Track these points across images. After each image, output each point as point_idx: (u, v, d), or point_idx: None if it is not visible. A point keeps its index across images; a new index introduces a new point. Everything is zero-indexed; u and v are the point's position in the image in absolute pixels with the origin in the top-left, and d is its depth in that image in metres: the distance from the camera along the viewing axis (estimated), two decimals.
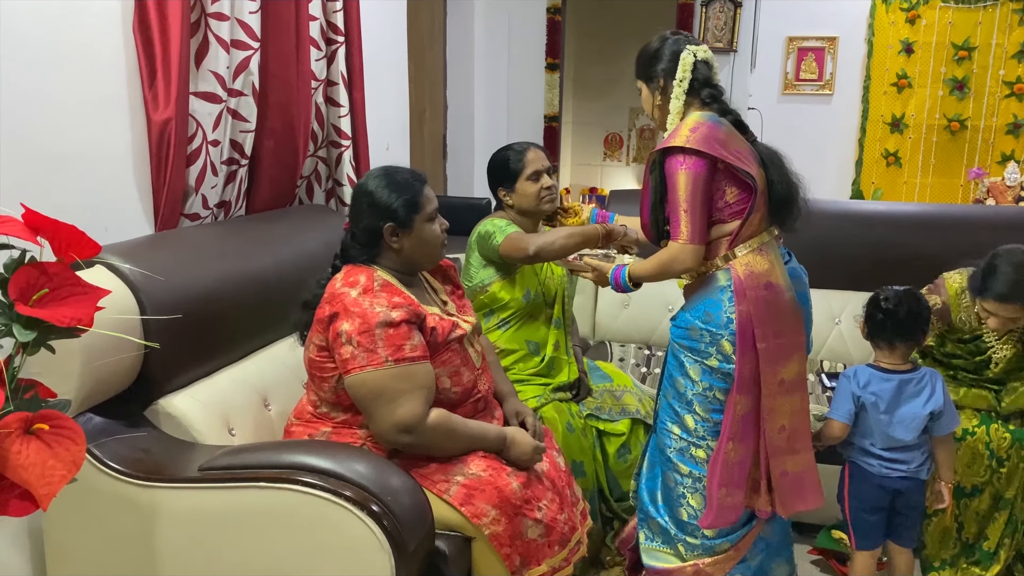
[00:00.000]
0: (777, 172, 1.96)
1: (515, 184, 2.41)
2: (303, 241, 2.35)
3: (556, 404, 2.33)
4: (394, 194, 1.82)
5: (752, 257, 1.92)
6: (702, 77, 1.99)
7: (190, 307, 1.83)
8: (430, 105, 4.61)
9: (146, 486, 1.63)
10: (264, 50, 2.32)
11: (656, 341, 3.19)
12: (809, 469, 2.01)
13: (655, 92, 2.04)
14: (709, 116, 1.92)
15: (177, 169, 2.05)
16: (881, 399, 2.10)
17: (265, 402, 2.02)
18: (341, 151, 2.77)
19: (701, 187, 1.87)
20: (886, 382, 2.11)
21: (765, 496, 1.98)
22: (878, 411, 2.10)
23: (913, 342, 2.14)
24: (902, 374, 2.12)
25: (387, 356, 1.69)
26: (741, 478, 1.95)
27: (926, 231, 3.01)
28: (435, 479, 1.75)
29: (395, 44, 3.39)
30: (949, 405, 2.11)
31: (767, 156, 1.97)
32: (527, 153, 2.42)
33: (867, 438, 2.14)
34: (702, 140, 1.86)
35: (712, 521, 1.95)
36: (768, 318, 1.89)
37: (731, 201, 1.92)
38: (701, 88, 1.99)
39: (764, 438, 1.93)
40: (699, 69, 1.98)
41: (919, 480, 2.13)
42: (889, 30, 5.18)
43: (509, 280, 2.39)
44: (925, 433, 2.12)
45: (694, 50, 1.97)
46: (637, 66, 2.08)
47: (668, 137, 1.93)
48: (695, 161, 1.86)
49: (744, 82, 5.05)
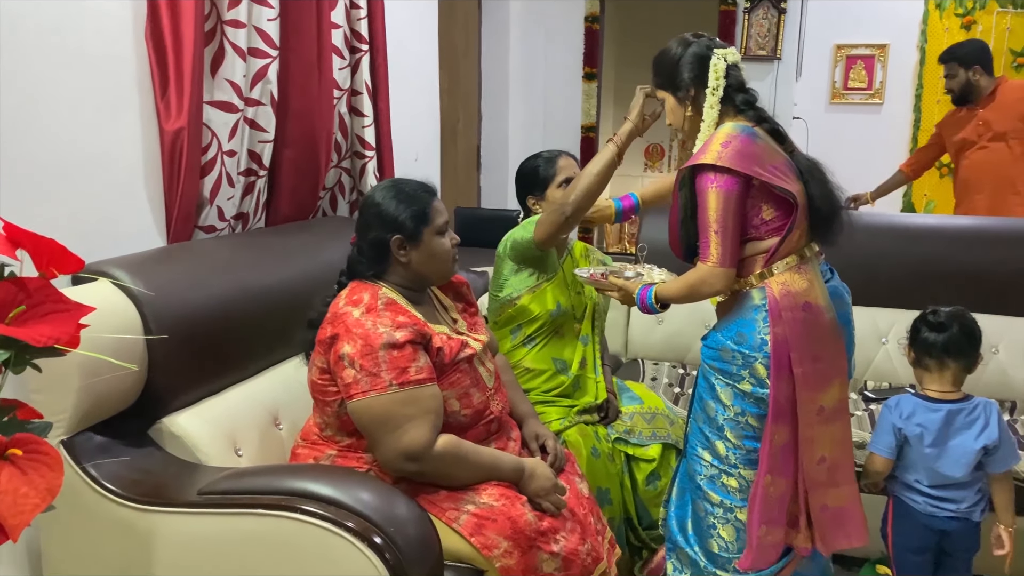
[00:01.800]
0: (818, 186, 1.83)
1: (545, 192, 2.33)
2: (323, 254, 2.28)
3: (581, 427, 2.22)
4: (402, 205, 1.74)
5: (789, 275, 1.80)
6: (735, 83, 1.87)
7: (198, 322, 1.78)
8: (464, 116, 4.55)
9: (143, 510, 1.57)
10: (283, 58, 2.27)
11: (691, 360, 3.06)
12: (852, 503, 1.87)
13: (684, 103, 1.92)
14: (742, 128, 1.80)
15: (190, 180, 2.00)
16: (928, 431, 1.95)
17: (276, 420, 1.95)
18: (365, 162, 2.71)
19: (733, 207, 1.75)
20: (933, 412, 1.96)
21: (805, 532, 1.85)
22: (923, 444, 1.95)
23: (966, 362, 1.98)
24: (951, 403, 1.96)
25: (391, 380, 1.60)
26: (781, 514, 1.82)
27: (981, 246, 2.84)
28: (444, 507, 1.66)
29: (425, 53, 3.33)
30: (1007, 439, 1.94)
31: (807, 169, 1.85)
32: (558, 160, 2.34)
33: (912, 474, 1.99)
34: (734, 156, 1.74)
35: (752, 563, 1.82)
36: (806, 341, 1.77)
37: (768, 218, 1.80)
38: (735, 95, 1.87)
39: (802, 470, 1.80)
40: (731, 75, 1.86)
41: (971, 522, 1.96)
42: (943, 36, 4.98)
43: (539, 291, 2.29)
44: (980, 470, 1.95)
45: (723, 54, 1.85)
46: (658, 75, 1.96)
47: (698, 152, 1.81)
48: (727, 179, 1.74)
49: (789, 91, 4.89)
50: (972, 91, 3.72)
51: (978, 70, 3.69)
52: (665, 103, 1.98)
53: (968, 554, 2.00)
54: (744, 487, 1.85)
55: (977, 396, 2.00)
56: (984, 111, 3.71)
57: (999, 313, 2.70)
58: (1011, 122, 3.67)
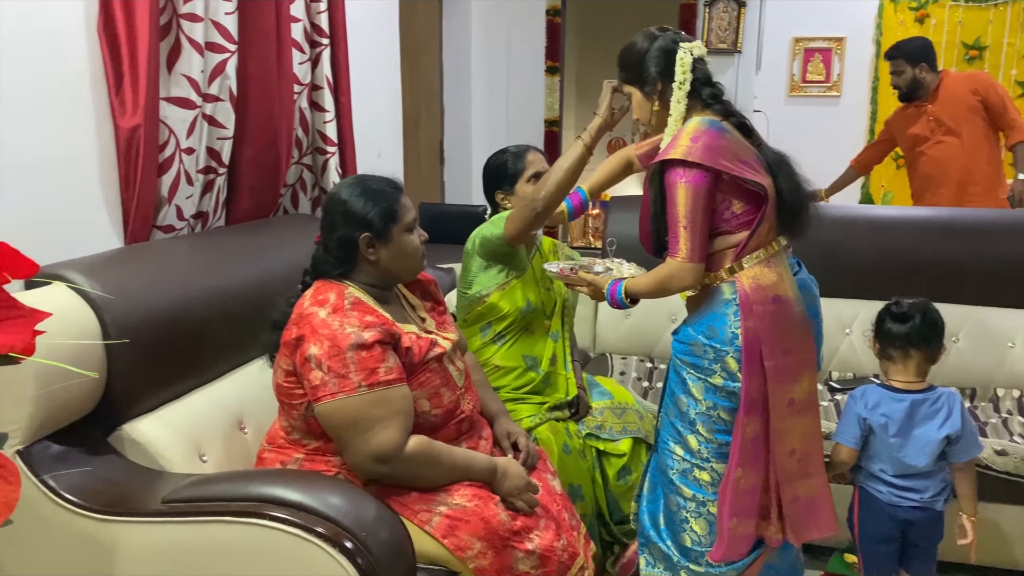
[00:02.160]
0: (786, 179, 1.83)
1: (515, 186, 2.31)
2: (286, 253, 2.23)
3: (552, 424, 2.21)
4: (370, 203, 1.70)
5: (759, 269, 1.80)
6: (702, 77, 1.86)
7: (158, 325, 1.73)
8: (426, 110, 4.51)
9: (105, 520, 1.52)
10: (242, 53, 2.21)
11: (659, 354, 3.06)
12: (822, 494, 1.89)
13: (651, 97, 1.91)
14: (711, 123, 1.80)
15: (147, 178, 1.95)
16: (892, 421, 1.96)
17: (240, 424, 1.90)
18: (327, 158, 2.66)
19: (702, 202, 1.75)
20: (897, 402, 1.97)
21: (776, 523, 1.86)
22: (887, 434, 1.97)
23: (929, 352, 2.00)
24: (915, 394, 1.98)
25: (360, 381, 1.57)
26: (752, 506, 1.83)
27: (941, 237, 2.89)
28: (416, 509, 1.63)
29: (386, 47, 3.29)
30: (970, 429, 1.97)
31: (775, 162, 1.85)
32: (527, 155, 2.32)
33: (877, 463, 2.01)
34: (703, 151, 1.73)
35: (724, 555, 1.83)
36: (776, 334, 1.78)
37: (738, 212, 1.80)
38: (702, 88, 1.86)
39: (774, 462, 1.81)
40: (698, 68, 1.85)
41: (934, 511, 1.98)
42: (898, 30, 5.05)
43: (509, 288, 2.27)
44: (943, 459, 1.98)
45: (689, 48, 1.84)
46: (624, 69, 1.95)
47: (667, 147, 1.80)
48: (696, 174, 1.74)
49: (749, 84, 4.94)
50: (919, 87, 3.78)
51: (924, 67, 3.75)
52: (632, 98, 1.96)
53: (932, 543, 2.02)
54: (716, 480, 1.85)
55: (940, 387, 2.02)
56: (933, 107, 3.77)
57: (959, 302, 2.75)
58: (961, 115, 3.73)
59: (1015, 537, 2.32)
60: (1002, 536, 2.32)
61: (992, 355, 2.74)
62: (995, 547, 2.32)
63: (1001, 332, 2.75)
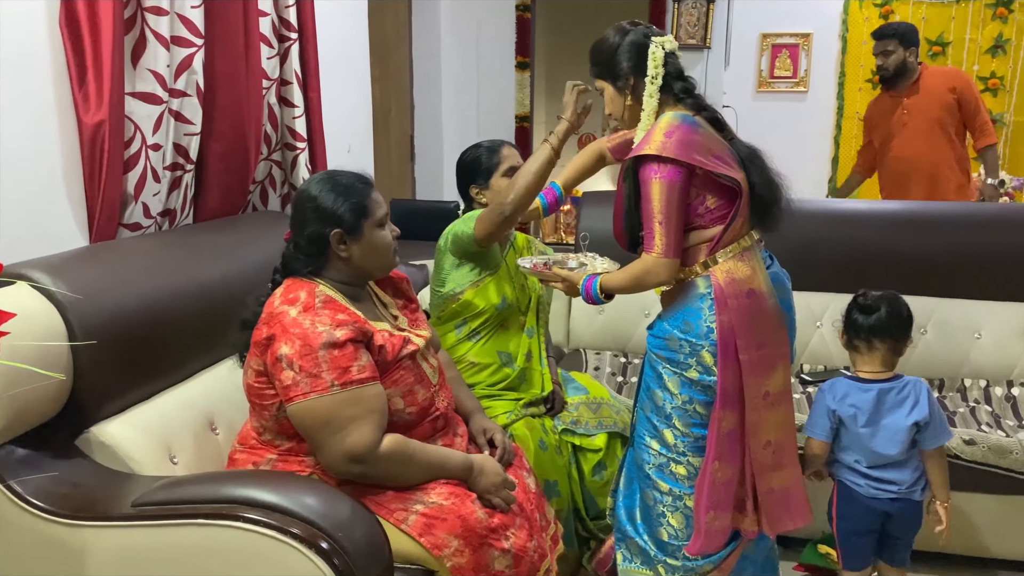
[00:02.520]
0: (758, 173, 1.84)
1: (489, 180, 2.30)
2: (255, 250, 2.20)
3: (528, 420, 2.20)
4: (340, 198, 1.68)
5: (733, 263, 1.81)
6: (674, 71, 1.86)
7: (126, 325, 1.69)
8: (396, 106, 4.47)
9: (73, 525, 1.49)
10: (209, 47, 2.18)
11: (633, 348, 3.07)
12: (796, 484, 1.91)
13: (624, 92, 1.90)
14: (684, 117, 1.80)
15: (113, 175, 1.90)
16: (860, 411, 1.98)
17: (212, 425, 1.87)
18: (297, 154, 2.62)
19: (676, 197, 1.75)
20: (864, 392, 1.99)
21: (752, 515, 1.88)
22: (857, 425, 1.98)
23: (895, 343, 2.02)
24: (882, 383, 2.00)
25: (332, 380, 1.55)
26: (728, 499, 1.84)
27: (909, 230, 2.92)
28: (392, 508, 1.62)
29: (355, 41, 3.26)
30: (938, 415, 1.99)
31: (747, 155, 1.86)
32: (501, 149, 2.32)
33: (851, 455, 2.03)
34: (677, 146, 1.73)
35: (701, 547, 1.84)
36: (751, 327, 1.79)
37: (712, 207, 1.80)
38: (674, 83, 1.86)
39: (749, 455, 1.83)
40: (670, 62, 1.85)
41: (912, 501, 2.00)
42: (863, 26, 5.11)
43: (483, 285, 2.26)
44: (914, 448, 2.00)
45: (661, 42, 1.84)
46: (596, 64, 1.94)
47: (641, 142, 1.80)
48: (670, 169, 1.73)
49: (718, 79, 4.96)
50: (904, 72, 3.73)
51: (913, 52, 3.71)
52: (604, 93, 1.96)
53: (911, 533, 2.04)
54: (692, 474, 1.86)
55: (907, 375, 2.05)
56: (908, 100, 3.76)
57: (927, 294, 2.79)
58: (935, 112, 3.72)
59: (983, 525, 2.37)
60: (971, 525, 2.36)
61: (959, 346, 2.78)
62: (965, 536, 2.36)
63: (968, 323, 2.80)
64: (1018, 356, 2.76)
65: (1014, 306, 2.80)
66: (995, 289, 2.82)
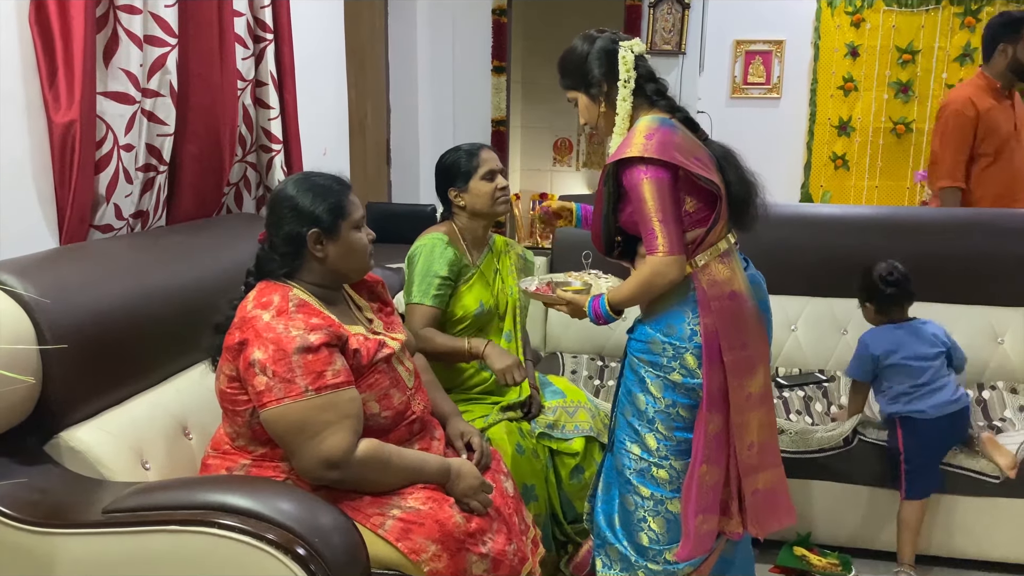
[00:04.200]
0: (733, 172, 1.85)
1: (468, 183, 2.29)
2: (230, 253, 2.17)
3: (506, 424, 2.20)
4: (318, 198, 1.66)
5: (714, 266, 1.81)
6: (645, 73, 1.87)
7: (97, 328, 1.66)
8: (372, 110, 4.45)
9: (42, 533, 1.44)
10: (183, 47, 2.15)
11: (610, 352, 3.07)
12: (780, 484, 1.93)
13: (598, 99, 1.90)
14: (661, 120, 1.80)
15: (84, 176, 1.87)
16: (900, 344, 2.33)
17: (185, 430, 1.84)
18: (272, 156, 2.60)
19: (668, 194, 1.74)
20: (898, 330, 2.36)
21: (737, 517, 1.89)
22: (899, 352, 2.31)
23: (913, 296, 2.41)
24: (909, 320, 2.41)
25: (307, 385, 1.52)
26: (715, 502, 1.85)
27: (876, 234, 2.96)
28: (369, 512, 1.60)
29: (331, 44, 3.23)
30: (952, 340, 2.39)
31: (721, 156, 1.86)
32: (481, 153, 2.31)
33: (902, 383, 2.31)
34: (659, 147, 1.73)
35: (690, 552, 1.83)
36: (733, 329, 1.80)
37: (691, 210, 1.80)
38: (646, 85, 1.86)
39: (735, 456, 1.83)
40: (640, 65, 1.85)
41: (965, 405, 2.33)
42: (835, 33, 5.19)
43: (459, 294, 2.26)
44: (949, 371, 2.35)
45: (628, 45, 1.84)
46: (566, 75, 1.93)
47: (621, 146, 1.79)
48: (656, 169, 1.73)
49: (693, 85, 4.99)
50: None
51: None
52: (578, 103, 1.95)
53: (960, 441, 2.37)
54: (675, 478, 1.86)
55: None
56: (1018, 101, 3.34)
57: None
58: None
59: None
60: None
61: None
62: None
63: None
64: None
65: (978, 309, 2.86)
66: (967, 293, 2.87)
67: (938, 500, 2.36)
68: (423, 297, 2.21)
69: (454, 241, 2.30)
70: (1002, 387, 2.75)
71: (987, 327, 2.83)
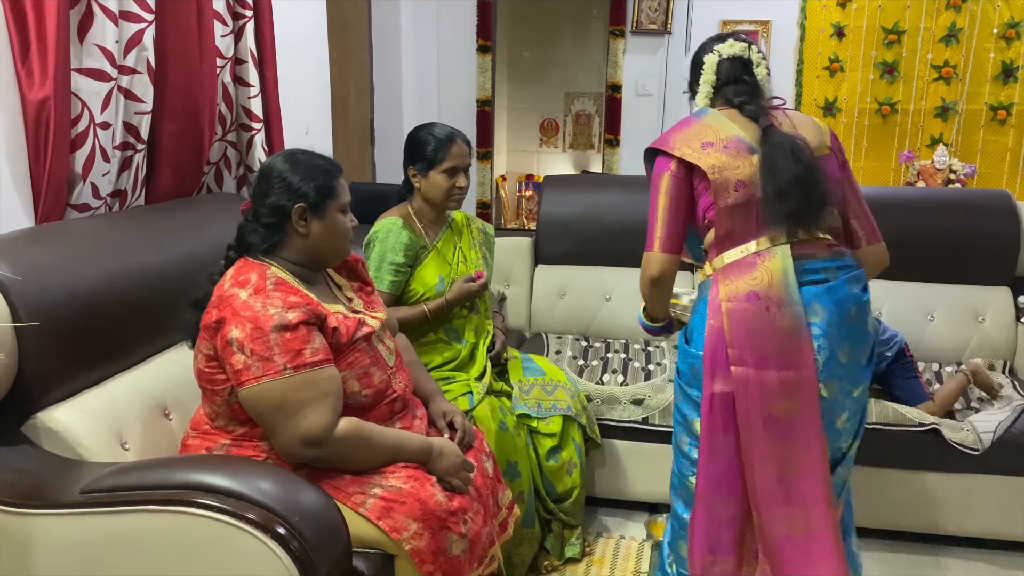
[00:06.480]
0: (769, 171, 1.63)
1: (428, 172, 2.28)
2: (209, 232, 2.14)
3: (489, 402, 2.20)
4: (309, 175, 1.66)
5: (739, 264, 1.65)
6: (727, 77, 1.78)
7: (74, 308, 1.64)
8: (355, 89, 4.41)
9: (19, 513, 1.44)
10: (160, 23, 2.12)
11: (594, 332, 3.08)
12: (822, 532, 1.60)
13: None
14: (698, 111, 1.77)
15: (59, 154, 1.84)
16: None
17: (165, 411, 1.83)
18: (252, 135, 2.57)
19: (664, 188, 1.70)
20: None
21: (764, 565, 1.65)
22: None
23: None
24: None
25: (285, 363, 1.52)
26: (730, 542, 1.66)
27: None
28: (350, 491, 1.59)
29: (313, 20, 3.19)
30: None
31: (769, 152, 1.64)
32: (452, 146, 2.28)
33: None
34: (662, 136, 1.72)
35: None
36: (745, 334, 1.59)
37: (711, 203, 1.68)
38: (725, 88, 1.78)
39: (753, 490, 1.62)
40: (722, 68, 1.78)
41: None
42: (821, 14, 5.17)
43: (415, 275, 2.29)
44: None
45: (720, 48, 1.79)
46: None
47: None
48: (658, 160, 1.73)
49: (679, 66, 4.96)
50: None
51: None
52: None
53: None
54: (689, 500, 1.73)
55: None
56: None
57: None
58: None
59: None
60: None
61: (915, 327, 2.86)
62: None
63: (921, 305, 2.88)
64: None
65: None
66: (949, 272, 2.89)
67: (916, 477, 2.38)
68: (379, 284, 2.22)
69: (409, 223, 2.30)
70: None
71: (968, 306, 2.85)
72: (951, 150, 4.87)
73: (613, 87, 4.85)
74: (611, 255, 3.08)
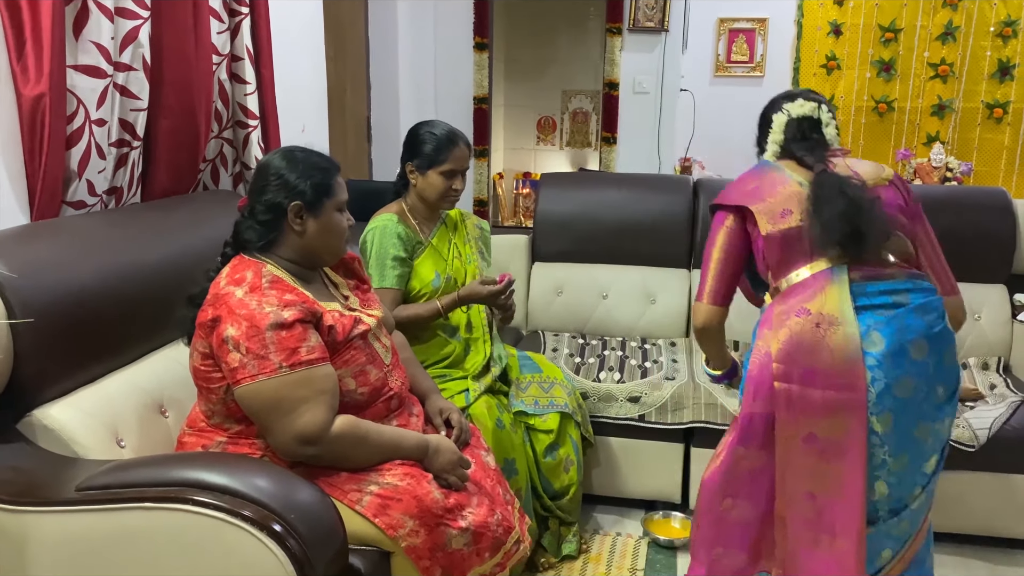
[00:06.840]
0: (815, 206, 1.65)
1: (426, 172, 2.28)
2: (206, 229, 2.14)
3: (486, 399, 2.20)
4: (306, 173, 1.66)
5: (794, 287, 1.67)
6: (794, 135, 1.81)
7: (69, 305, 1.64)
8: (352, 86, 4.40)
9: (14, 511, 1.44)
10: (156, 20, 2.11)
11: (591, 330, 3.08)
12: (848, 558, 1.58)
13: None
14: (762, 162, 1.83)
15: (54, 151, 1.84)
16: None
17: (161, 408, 1.83)
18: (249, 132, 2.56)
19: (720, 243, 1.78)
20: None
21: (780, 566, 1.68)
22: None
23: None
24: None
25: (280, 362, 1.51)
26: (741, 539, 1.71)
27: None
28: (346, 489, 1.59)
29: (309, 17, 3.19)
30: None
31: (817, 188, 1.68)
32: (454, 149, 2.28)
33: None
34: (723, 191, 1.78)
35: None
36: (794, 350, 1.57)
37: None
38: (793, 145, 1.80)
39: (783, 497, 1.62)
40: (790, 128, 1.81)
41: None
42: (818, 12, 5.17)
43: (413, 270, 2.28)
44: None
45: (790, 107, 1.82)
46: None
47: None
48: (717, 215, 1.80)
49: (676, 64, 4.96)
50: None
51: None
52: None
53: None
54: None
55: None
56: None
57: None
58: None
59: None
60: None
61: None
62: None
63: None
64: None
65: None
66: None
67: None
68: (383, 280, 2.21)
69: (404, 219, 2.30)
70: (973, 364, 2.78)
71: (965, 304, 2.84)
72: (948, 148, 4.88)
73: (610, 85, 4.84)
74: (608, 253, 3.08)
